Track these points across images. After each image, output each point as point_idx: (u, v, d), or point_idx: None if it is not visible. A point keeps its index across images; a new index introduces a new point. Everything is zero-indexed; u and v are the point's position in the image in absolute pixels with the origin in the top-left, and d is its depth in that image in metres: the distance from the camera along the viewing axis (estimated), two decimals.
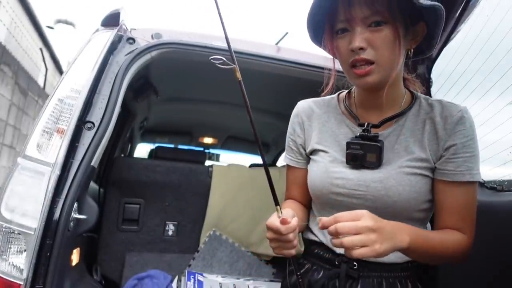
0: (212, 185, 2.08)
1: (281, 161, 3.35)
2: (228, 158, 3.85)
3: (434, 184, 0.84)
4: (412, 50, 0.84)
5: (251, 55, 1.51)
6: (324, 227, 0.69)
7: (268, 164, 3.53)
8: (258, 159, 3.58)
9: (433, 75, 1.40)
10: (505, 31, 1.25)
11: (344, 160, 0.86)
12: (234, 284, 1.78)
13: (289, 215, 0.77)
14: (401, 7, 0.76)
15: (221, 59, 0.72)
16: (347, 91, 0.97)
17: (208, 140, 3.28)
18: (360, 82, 0.81)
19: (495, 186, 1.15)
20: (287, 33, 1.64)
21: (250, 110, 0.73)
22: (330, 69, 0.92)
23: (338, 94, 0.98)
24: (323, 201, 0.91)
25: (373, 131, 0.86)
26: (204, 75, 1.98)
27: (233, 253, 2.01)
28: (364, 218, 0.67)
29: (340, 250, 0.86)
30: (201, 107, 2.54)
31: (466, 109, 0.84)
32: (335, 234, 0.67)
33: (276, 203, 0.76)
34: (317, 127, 0.95)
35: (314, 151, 0.94)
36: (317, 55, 1.55)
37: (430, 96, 0.97)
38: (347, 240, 0.66)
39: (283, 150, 3.29)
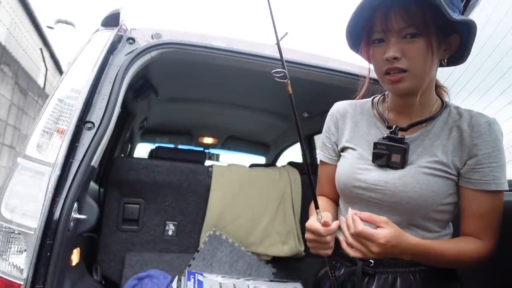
0: (212, 185, 2.08)
1: (286, 158, 3.35)
2: (228, 158, 3.85)
3: (460, 190, 0.88)
4: (445, 60, 0.88)
5: (251, 55, 1.51)
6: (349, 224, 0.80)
7: (268, 164, 3.53)
8: (258, 159, 3.59)
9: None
10: (505, 31, 1.25)
11: (371, 158, 0.92)
12: (234, 284, 1.78)
13: (329, 218, 0.85)
14: (435, 21, 0.80)
15: (283, 72, 0.79)
16: (381, 95, 1.02)
17: (208, 140, 3.28)
18: (393, 88, 0.86)
19: None
20: (287, 33, 1.64)
21: (296, 118, 0.83)
22: (363, 76, 0.98)
23: (373, 98, 1.03)
24: (346, 194, 0.97)
25: (401, 134, 0.90)
26: (204, 75, 1.98)
27: (233, 253, 2.01)
28: (380, 235, 0.76)
29: None
30: (201, 107, 2.54)
31: (495, 120, 0.88)
32: (349, 229, 0.79)
33: (316, 206, 0.83)
34: (350, 127, 1.01)
35: (344, 148, 1.00)
36: (316, 55, 1.55)
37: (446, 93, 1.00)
38: (353, 242, 0.78)
39: (283, 150, 3.30)
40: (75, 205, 1.05)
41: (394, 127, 0.91)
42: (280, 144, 3.16)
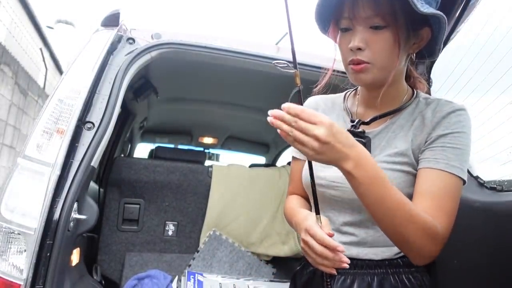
0: (212, 185, 2.08)
1: (285, 158, 3.35)
2: (228, 158, 3.85)
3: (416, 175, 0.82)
4: (415, 54, 0.85)
5: (251, 55, 1.51)
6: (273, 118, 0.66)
7: (268, 164, 3.53)
8: (258, 159, 3.58)
9: (433, 75, 1.40)
10: (505, 31, 1.25)
11: None
12: (234, 284, 1.78)
13: (328, 226, 0.75)
14: (404, 12, 0.77)
15: (286, 63, 0.71)
16: (354, 89, 0.99)
17: (208, 140, 3.28)
18: (356, 78, 0.82)
19: (495, 186, 1.15)
20: (287, 33, 1.64)
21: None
22: (326, 68, 0.94)
23: (346, 93, 1.01)
24: (309, 192, 0.92)
25: (365, 128, 0.87)
26: (204, 75, 1.98)
27: (233, 253, 2.01)
28: (320, 127, 0.64)
29: None
30: (201, 107, 2.54)
31: (463, 107, 0.82)
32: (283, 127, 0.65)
33: (317, 211, 0.75)
34: None
35: None
36: (316, 55, 1.55)
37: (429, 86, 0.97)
38: (296, 133, 0.65)
39: (283, 150, 3.30)
40: (75, 205, 1.05)
41: (356, 121, 0.88)
42: (280, 144, 3.16)
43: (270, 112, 0.66)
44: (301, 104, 0.70)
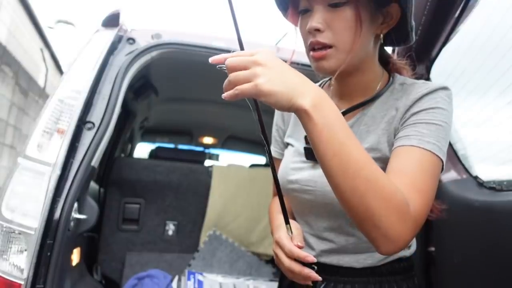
0: (212, 185, 2.08)
1: None
2: (228, 158, 3.85)
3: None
4: (382, 36, 0.76)
5: None
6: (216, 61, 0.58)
7: (268, 164, 3.51)
8: (258, 159, 3.58)
9: (432, 75, 1.40)
10: (505, 31, 1.25)
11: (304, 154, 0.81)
12: (234, 284, 1.78)
13: (299, 232, 0.71)
14: None
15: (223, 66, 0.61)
16: (328, 80, 0.90)
17: (208, 140, 3.28)
18: (317, 66, 0.74)
19: (494, 186, 1.15)
20: (287, 33, 1.64)
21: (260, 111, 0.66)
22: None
23: (320, 84, 0.92)
24: (285, 196, 0.84)
25: None
26: (204, 75, 1.98)
27: (233, 252, 2.01)
28: (258, 53, 0.56)
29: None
30: (201, 107, 2.54)
31: (442, 85, 0.72)
32: (228, 71, 0.56)
33: (287, 221, 0.68)
34: (293, 119, 0.91)
35: (287, 144, 0.91)
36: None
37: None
38: (232, 75, 0.55)
39: None
40: (75, 205, 1.05)
41: None
42: None
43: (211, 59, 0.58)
44: (256, 102, 0.62)
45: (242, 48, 0.61)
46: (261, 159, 3.61)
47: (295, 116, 0.84)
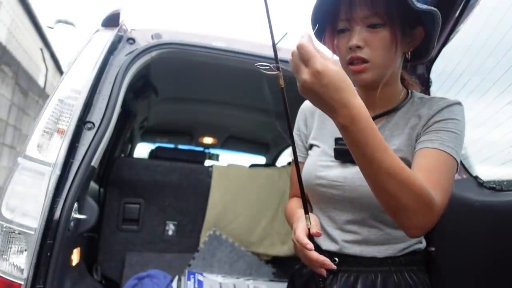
0: (212, 185, 2.08)
1: (285, 158, 3.35)
2: (228, 158, 3.85)
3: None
4: (409, 53, 0.86)
5: (251, 55, 1.51)
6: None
7: (268, 164, 3.52)
8: (258, 159, 3.58)
9: (432, 75, 1.40)
10: (505, 31, 1.25)
11: (334, 155, 0.90)
12: (234, 284, 1.78)
13: (317, 222, 0.80)
14: (400, 11, 0.80)
15: (267, 65, 0.67)
16: None
17: (208, 140, 3.28)
18: (356, 78, 0.83)
19: (495, 186, 1.15)
20: (287, 33, 1.64)
21: (289, 118, 0.69)
22: None
23: None
24: (309, 192, 0.94)
25: None
26: (204, 75, 1.98)
27: (233, 253, 2.01)
28: (306, 72, 0.62)
29: (327, 246, 0.90)
30: (201, 107, 2.55)
31: (457, 101, 0.85)
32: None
33: (306, 211, 0.75)
34: (317, 124, 0.99)
35: (311, 146, 0.99)
36: None
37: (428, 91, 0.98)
38: (295, 57, 0.63)
39: (283, 150, 3.30)
40: (75, 205, 1.05)
41: None
42: (280, 144, 3.16)
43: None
44: (285, 104, 0.69)
45: (277, 62, 0.67)
46: (261, 159, 3.61)
47: (319, 120, 0.98)
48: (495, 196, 1.13)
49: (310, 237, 0.75)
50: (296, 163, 0.73)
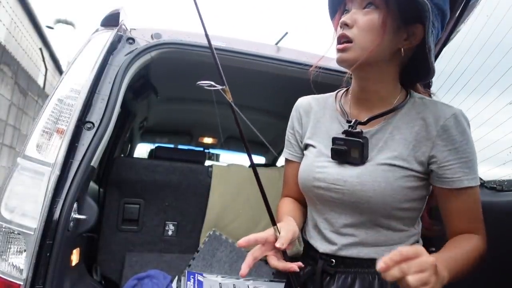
0: (212, 185, 2.08)
1: (282, 159, 3.35)
2: (228, 158, 3.85)
3: (435, 189, 0.86)
4: (403, 50, 0.83)
5: (251, 55, 1.51)
6: (386, 269, 0.62)
7: (268, 164, 3.52)
8: (258, 159, 3.58)
9: None
10: (505, 31, 1.25)
11: (330, 155, 0.89)
12: (234, 284, 1.78)
13: (293, 225, 0.83)
14: (398, 1, 0.79)
15: (209, 82, 0.70)
16: (345, 89, 0.98)
17: (208, 140, 3.28)
18: (338, 57, 0.84)
19: (495, 186, 1.15)
20: (287, 33, 1.64)
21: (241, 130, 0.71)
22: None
23: (337, 92, 1.00)
24: (307, 194, 0.94)
25: (361, 128, 0.87)
26: (204, 75, 1.98)
27: (233, 253, 2.01)
28: (425, 254, 0.63)
29: (323, 249, 0.89)
30: (201, 107, 2.54)
31: (461, 112, 0.84)
32: (401, 276, 0.61)
33: (273, 223, 0.79)
34: (312, 123, 0.98)
35: (306, 146, 0.97)
36: (316, 55, 1.55)
37: (430, 97, 0.97)
38: (414, 279, 0.60)
39: (282, 150, 3.30)
40: (75, 205, 1.05)
41: (353, 121, 0.87)
42: (280, 144, 3.16)
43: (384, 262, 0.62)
44: (236, 119, 0.72)
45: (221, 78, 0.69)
46: (261, 159, 3.61)
47: (315, 119, 0.97)
48: (495, 196, 1.13)
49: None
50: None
